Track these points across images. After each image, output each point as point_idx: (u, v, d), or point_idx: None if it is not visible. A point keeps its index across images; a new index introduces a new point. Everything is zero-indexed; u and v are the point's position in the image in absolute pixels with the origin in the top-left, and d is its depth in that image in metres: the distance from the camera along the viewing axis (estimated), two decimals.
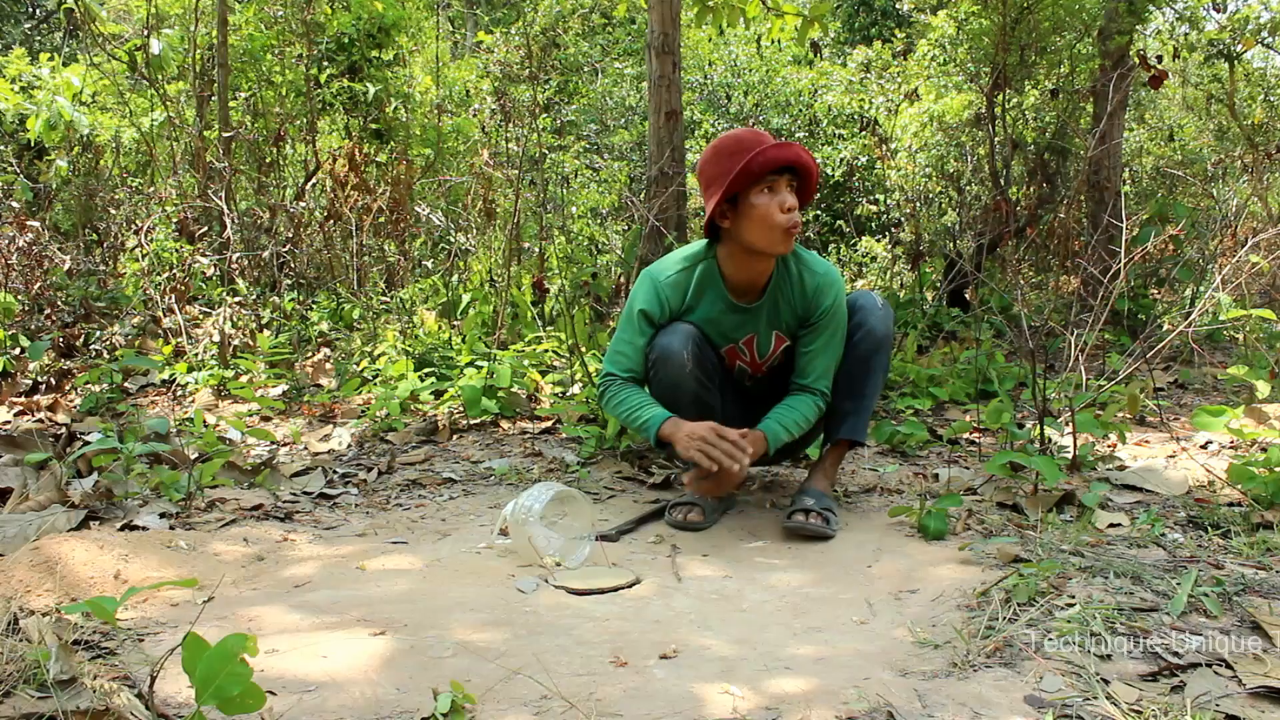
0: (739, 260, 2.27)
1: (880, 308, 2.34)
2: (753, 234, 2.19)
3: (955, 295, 5.52)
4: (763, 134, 2.19)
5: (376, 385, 3.84)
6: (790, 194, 2.18)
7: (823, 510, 2.24)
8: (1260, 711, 1.26)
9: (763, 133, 2.20)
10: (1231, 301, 4.69)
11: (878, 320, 2.32)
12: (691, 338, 2.25)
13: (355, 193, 5.10)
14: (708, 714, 1.31)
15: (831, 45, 11.38)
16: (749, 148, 2.15)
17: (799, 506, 2.26)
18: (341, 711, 1.31)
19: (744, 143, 2.17)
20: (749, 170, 2.13)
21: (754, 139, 2.17)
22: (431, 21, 8.08)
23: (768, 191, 2.17)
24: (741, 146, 2.16)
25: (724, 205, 2.20)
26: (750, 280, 2.29)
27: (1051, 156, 5.99)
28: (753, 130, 2.22)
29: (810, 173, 2.22)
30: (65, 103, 5.40)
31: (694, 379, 2.24)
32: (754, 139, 2.17)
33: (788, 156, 2.15)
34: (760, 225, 2.17)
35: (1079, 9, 5.55)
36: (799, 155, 2.17)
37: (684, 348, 2.23)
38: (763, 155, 2.13)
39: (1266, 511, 2.12)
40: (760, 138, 2.17)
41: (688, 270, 2.32)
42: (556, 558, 2.01)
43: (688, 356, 2.23)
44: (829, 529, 2.20)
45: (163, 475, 2.47)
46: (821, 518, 2.22)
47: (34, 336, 4.19)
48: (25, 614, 1.55)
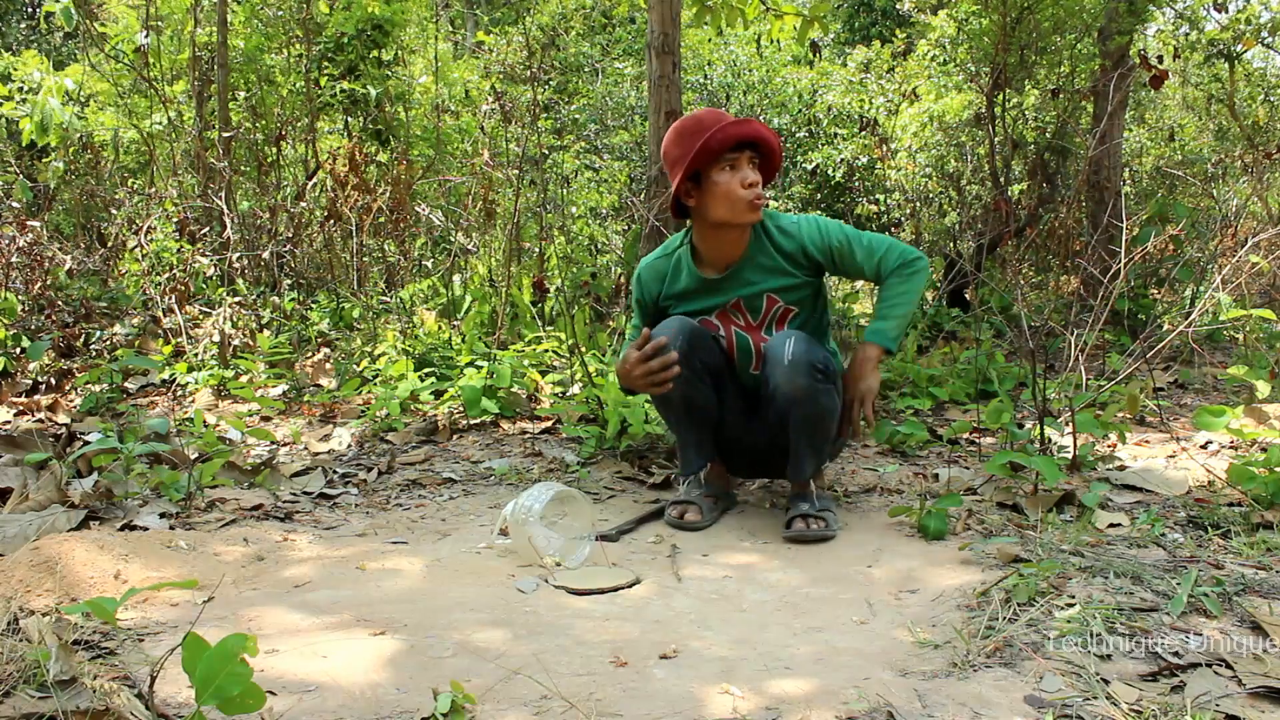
0: (710, 236, 2.30)
1: (788, 362, 2.14)
2: (717, 209, 2.22)
3: (955, 295, 5.53)
4: (723, 113, 2.21)
5: (376, 385, 3.84)
6: (752, 170, 2.21)
7: (820, 513, 2.23)
8: (1260, 711, 1.26)
9: (723, 112, 2.22)
10: (1231, 301, 4.69)
11: (782, 378, 2.15)
12: (682, 333, 2.25)
13: (355, 193, 5.10)
14: (708, 714, 1.31)
15: (831, 45, 11.38)
16: (708, 126, 2.18)
17: (796, 513, 2.24)
18: (341, 711, 1.31)
19: (703, 122, 2.19)
20: (708, 148, 2.16)
21: (713, 118, 2.19)
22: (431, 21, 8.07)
23: (729, 169, 2.20)
24: (701, 126, 2.18)
25: (687, 184, 2.24)
26: (725, 253, 2.31)
27: (1051, 156, 5.99)
28: (713, 110, 2.23)
29: (771, 148, 2.24)
30: (56, 104, 5.40)
31: (683, 380, 2.24)
32: (713, 118, 2.19)
33: (746, 133, 2.19)
34: (723, 200, 2.20)
35: (1079, 9, 5.55)
36: (757, 130, 2.20)
37: (672, 344, 2.23)
38: (722, 132, 2.16)
39: (1266, 511, 2.12)
40: (720, 116, 2.19)
41: (667, 256, 2.41)
42: (556, 558, 2.01)
43: (669, 346, 2.23)
44: (829, 530, 2.20)
45: (163, 475, 2.47)
46: (820, 521, 2.21)
47: (34, 336, 4.19)
48: (25, 614, 1.55)
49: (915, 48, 7.29)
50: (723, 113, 2.21)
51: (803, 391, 2.13)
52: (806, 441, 2.23)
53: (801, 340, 2.17)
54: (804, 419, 2.18)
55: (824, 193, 9.07)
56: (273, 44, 6.47)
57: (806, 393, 2.13)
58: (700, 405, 2.31)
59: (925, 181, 6.87)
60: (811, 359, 2.14)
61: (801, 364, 2.13)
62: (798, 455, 2.26)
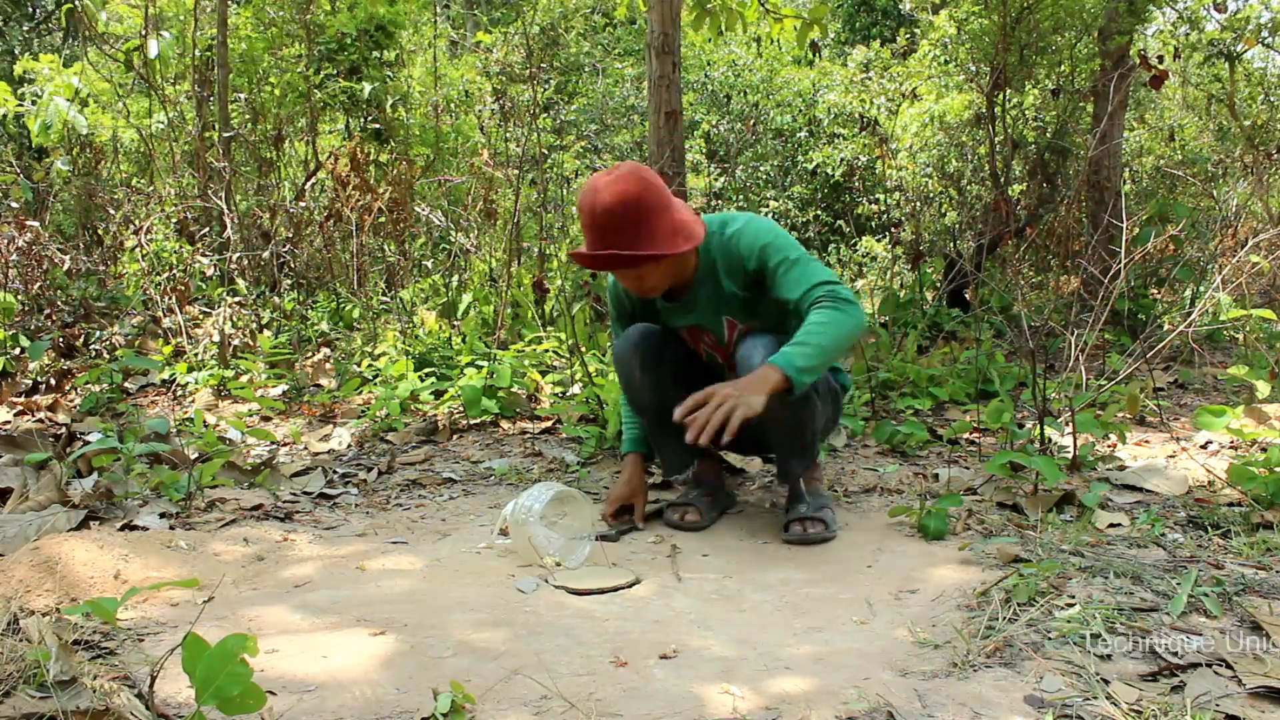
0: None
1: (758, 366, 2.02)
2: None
3: (955, 295, 5.52)
4: (593, 207, 1.99)
5: (376, 385, 3.84)
6: (625, 278, 2.11)
7: (818, 514, 2.19)
8: (1260, 711, 1.26)
9: (595, 204, 1.99)
10: (1231, 301, 4.69)
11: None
12: (643, 338, 2.24)
13: (355, 193, 5.10)
14: (708, 714, 1.31)
15: (832, 45, 11.38)
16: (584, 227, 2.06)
17: (793, 515, 2.21)
18: (341, 711, 1.31)
19: (582, 211, 2.04)
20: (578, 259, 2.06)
21: (585, 205, 2.01)
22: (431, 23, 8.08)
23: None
24: (582, 216, 2.04)
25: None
26: (674, 284, 2.18)
27: (1051, 156, 5.99)
28: (589, 189, 2.02)
29: (622, 260, 2.02)
30: (63, 103, 5.40)
31: (648, 387, 2.26)
32: (585, 205, 2.01)
33: (591, 265, 2.08)
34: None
35: (1079, 9, 5.55)
36: (595, 264, 2.05)
37: (632, 351, 2.24)
38: (577, 258, 2.05)
39: (1266, 511, 2.12)
40: (588, 220, 2.01)
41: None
42: (556, 558, 2.01)
43: (636, 365, 2.25)
44: (829, 532, 2.17)
45: (163, 475, 2.47)
46: (819, 523, 2.18)
47: (34, 336, 4.19)
48: (25, 614, 1.55)
49: (918, 47, 7.29)
50: (594, 206, 1.98)
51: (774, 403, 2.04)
52: (788, 448, 2.21)
53: (772, 346, 2.05)
54: (782, 430, 2.16)
55: (824, 192, 9.08)
56: (274, 44, 6.47)
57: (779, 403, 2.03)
58: (663, 405, 2.21)
59: (925, 181, 6.87)
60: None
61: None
62: (783, 459, 2.24)
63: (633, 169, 2.04)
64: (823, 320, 1.97)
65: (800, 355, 1.93)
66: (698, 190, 7.44)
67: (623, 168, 2.04)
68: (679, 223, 2.06)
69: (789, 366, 1.92)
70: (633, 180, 2.01)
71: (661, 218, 2.02)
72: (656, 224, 2.01)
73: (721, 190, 7.79)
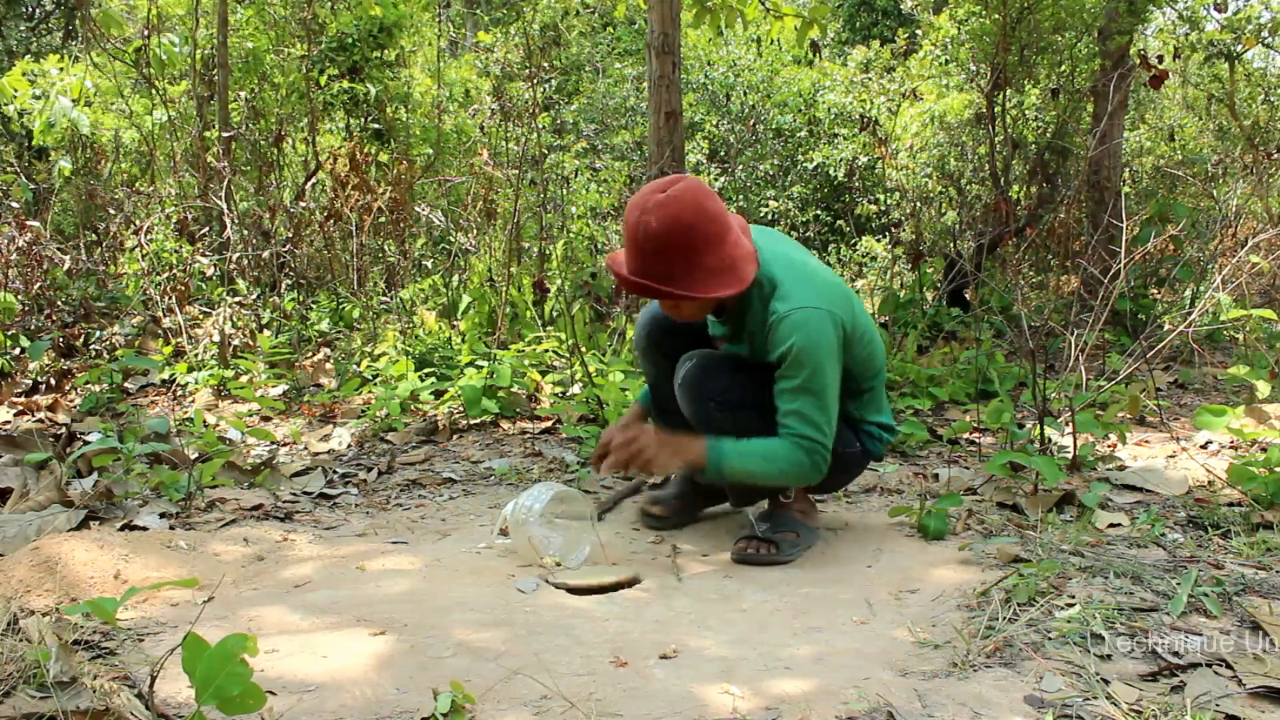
0: None
1: (676, 384, 2.03)
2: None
3: (955, 295, 5.52)
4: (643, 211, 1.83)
5: (376, 385, 3.84)
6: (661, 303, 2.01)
7: (773, 537, 2.05)
8: (1260, 711, 1.26)
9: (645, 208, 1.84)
10: (1231, 301, 4.69)
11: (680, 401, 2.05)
12: (661, 317, 2.15)
13: (355, 193, 5.10)
14: (708, 714, 1.31)
15: (832, 45, 11.38)
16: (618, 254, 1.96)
17: (745, 533, 2.11)
18: (341, 711, 1.31)
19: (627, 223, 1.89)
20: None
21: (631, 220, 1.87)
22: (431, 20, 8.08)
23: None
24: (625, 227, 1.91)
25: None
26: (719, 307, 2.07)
27: (1051, 156, 5.99)
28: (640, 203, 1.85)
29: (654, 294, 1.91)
30: (68, 103, 5.40)
31: (647, 354, 2.20)
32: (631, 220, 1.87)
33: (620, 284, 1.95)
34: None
35: (1079, 9, 5.55)
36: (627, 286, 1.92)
37: (651, 324, 2.18)
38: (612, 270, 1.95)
39: (1266, 511, 2.12)
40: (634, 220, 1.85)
41: None
42: (556, 558, 2.01)
43: (649, 332, 2.18)
44: (779, 556, 2.02)
45: (163, 475, 2.47)
46: (770, 545, 2.03)
47: (34, 336, 4.19)
48: (25, 614, 1.55)
49: (919, 47, 7.29)
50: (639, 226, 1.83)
51: (693, 418, 2.01)
52: (740, 499, 2.18)
53: (700, 365, 1.99)
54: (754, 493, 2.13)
55: (824, 192, 9.08)
56: (276, 44, 6.47)
57: (696, 420, 2.00)
58: (667, 394, 2.16)
59: (925, 181, 6.87)
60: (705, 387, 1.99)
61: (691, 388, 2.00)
62: (734, 501, 2.22)
63: (693, 191, 1.84)
64: (780, 454, 1.89)
65: (735, 457, 1.90)
66: None
67: (682, 186, 1.84)
68: (728, 261, 1.86)
69: (715, 457, 1.90)
70: (690, 206, 1.82)
71: (710, 254, 1.84)
72: (702, 260, 1.84)
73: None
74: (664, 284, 1.84)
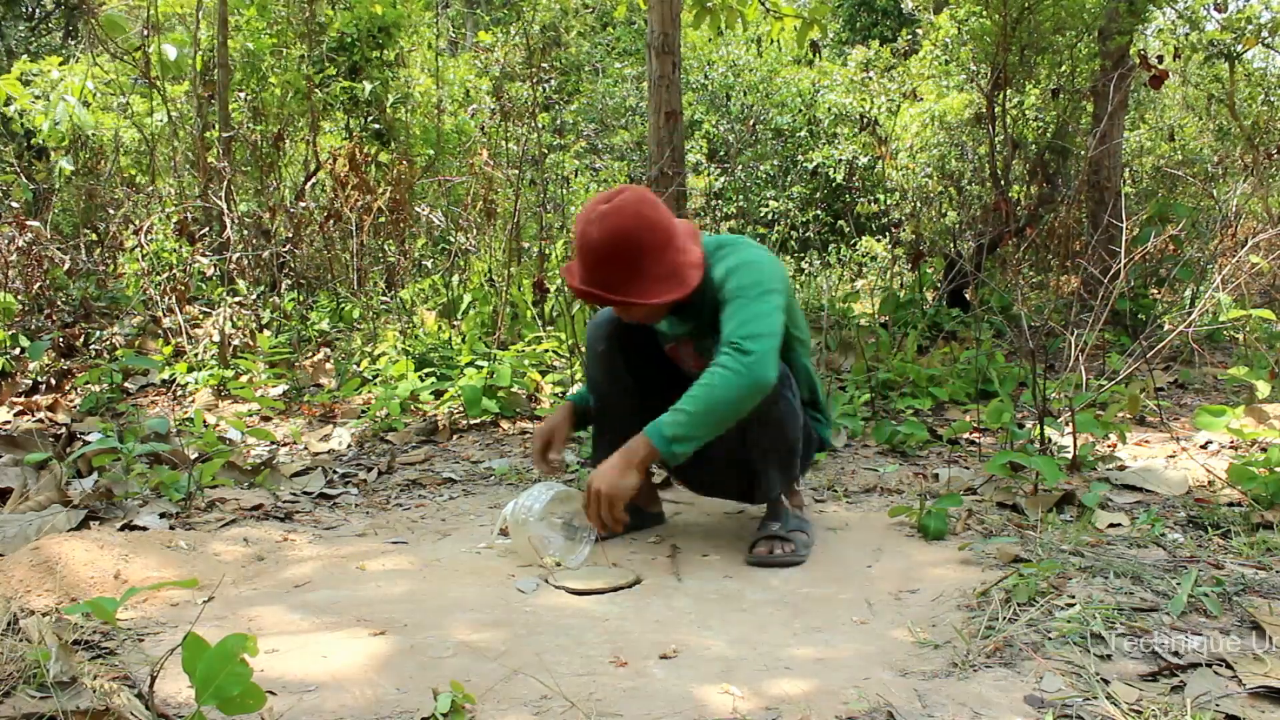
0: None
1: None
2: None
3: (955, 295, 5.52)
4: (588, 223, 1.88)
5: (376, 385, 3.84)
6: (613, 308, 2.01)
7: (789, 534, 2.02)
8: (1260, 711, 1.26)
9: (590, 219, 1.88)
10: (1231, 301, 4.69)
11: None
12: (608, 328, 2.12)
13: (355, 193, 5.10)
14: (708, 714, 1.31)
15: (832, 45, 11.39)
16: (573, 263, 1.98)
17: (763, 533, 2.04)
18: (341, 711, 1.31)
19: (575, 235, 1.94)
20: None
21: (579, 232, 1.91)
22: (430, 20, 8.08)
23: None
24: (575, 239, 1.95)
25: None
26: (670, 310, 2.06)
27: (1052, 156, 5.99)
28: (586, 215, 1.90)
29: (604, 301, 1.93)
30: (74, 101, 5.40)
31: (603, 365, 2.14)
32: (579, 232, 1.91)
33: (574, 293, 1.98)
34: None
35: (1079, 9, 5.55)
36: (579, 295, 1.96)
37: (603, 327, 2.14)
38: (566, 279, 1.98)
39: (1266, 511, 2.12)
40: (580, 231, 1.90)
41: None
42: (556, 558, 2.01)
43: (601, 337, 2.13)
44: (797, 555, 1.99)
45: (163, 475, 2.47)
46: (788, 544, 2.01)
47: (34, 336, 4.19)
48: (25, 614, 1.55)
49: (919, 47, 7.29)
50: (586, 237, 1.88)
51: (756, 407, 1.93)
52: (771, 459, 2.02)
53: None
54: (761, 434, 1.99)
55: (824, 192, 9.09)
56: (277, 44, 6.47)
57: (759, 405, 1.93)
58: (616, 398, 2.15)
59: (925, 181, 6.87)
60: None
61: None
62: (763, 473, 2.05)
63: (635, 200, 1.88)
64: (709, 382, 1.82)
65: (672, 425, 1.82)
66: (698, 190, 7.45)
67: (624, 197, 1.89)
68: (675, 265, 1.90)
69: (657, 437, 1.83)
70: (631, 215, 1.86)
71: (657, 259, 1.88)
72: (650, 266, 1.88)
73: (721, 190, 7.79)
74: (611, 291, 1.90)
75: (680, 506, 2.50)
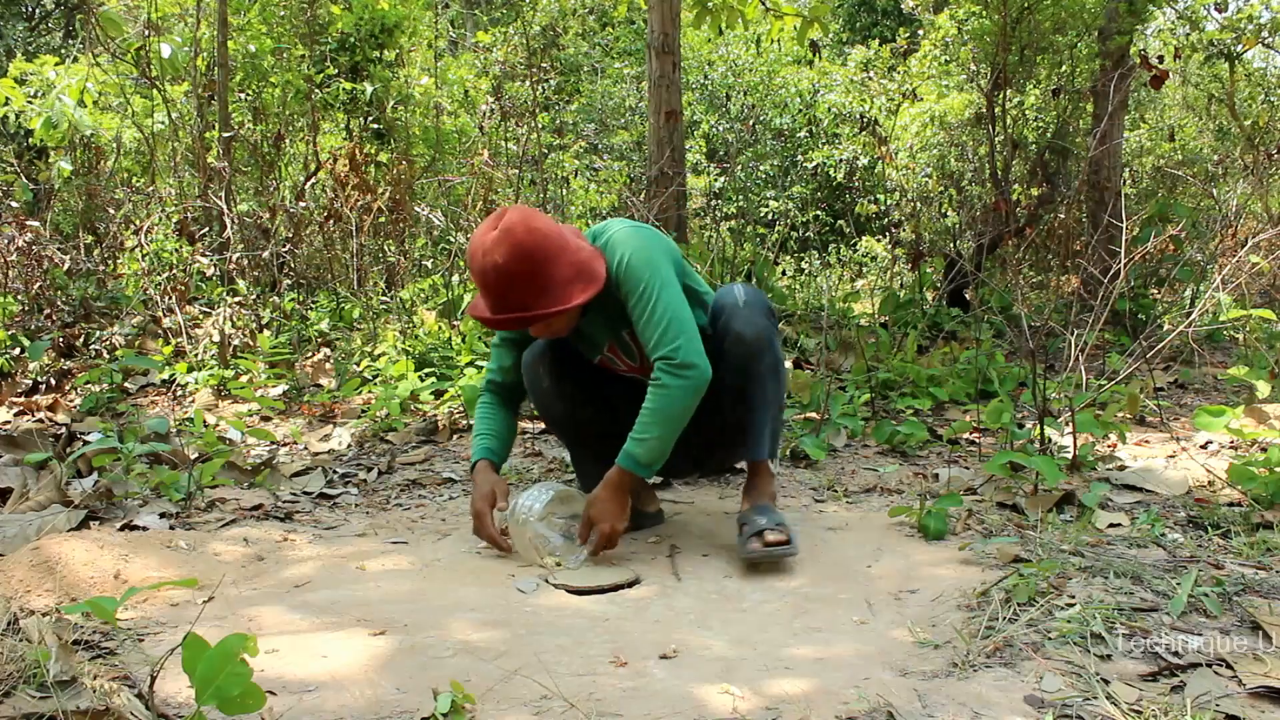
0: None
1: (744, 304, 2.04)
2: None
3: (955, 295, 5.52)
4: (483, 255, 1.88)
5: (376, 385, 3.84)
6: (534, 329, 2.01)
7: (778, 526, 1.99)
8: (1260, 711, 1.26)
9: (484, 249, 1.88)
10: (1231, 301, 4.69)
11: (742, 322, 2.02)
12: (544, 354, 2.15)
13: (355, 193, 5.10)
14: (708, 714, 1.31)
15: (832, 45, 11.39)
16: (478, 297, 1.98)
17: (752, 529, 2.00)
18: (341, 711, 1.31)
19: (473, 272, 1.93)
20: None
21: (476, 268, 1.90)
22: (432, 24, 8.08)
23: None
24: (474, 276, 1.93)
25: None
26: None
27: (1052, 156, 5.99)
28: (477, 249, 1.89)
29: (526, 322, 1.95)
30: (70, 102, 5.40)
31: (556, 396, 2.17)
32: (476, 268, 1.90)
33: (492, 327, 2.03)
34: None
35: (1079, 9, 5.55)
36: (500, 326, 1.99)
37: (537, 365, 2.16)
38: (478, 319, 1.98)
39: (1266, 511, 2.12)
40: (478, 266, 1.89)
41: None
42: (556, 558, 2.01)
43: (544, 373, 2.16)
44: (792, 548, 1.96)
45: (163, 475, 2.47)
46: (780, 531, 1.97)
47: (34, 336, 4.19)
48: (25, 614, 1.55)
49: (919, 47, 7.29)
50: (485, 269, 1.87)
51: (765, 333, 2.02)
52: (769, 399, 2.05)
53: (749, 287, 2.09)
54: (770, 367, 2.03)
55: (824, 192, 9.09)
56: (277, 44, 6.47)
57: (768, 335, 2.02)
58: (583, 420, 2.21)
59: (925, 181, 6.87)
60: (765, 301, 2.07)
61: (758, 305, 2.04)
62: (757, 425, 2.06)
63: (520, 218, 1.90)
64: (660, 406, 1.93)
65: (644, 452, 1.95)
66: (698, 190, 7.45)
67: (510, 218, 1.90)
68: (578, 265, 1.93)
69: (632, 465, 1.96)
70: (522, 232, 1.87)
71: (559, 264, 1.91)
72: (554, 273, 1.90)
73: (721, 190, 7.79)
74: (529, 310, 1.90)
75: (680, 506, 2.50)
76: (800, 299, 5.56)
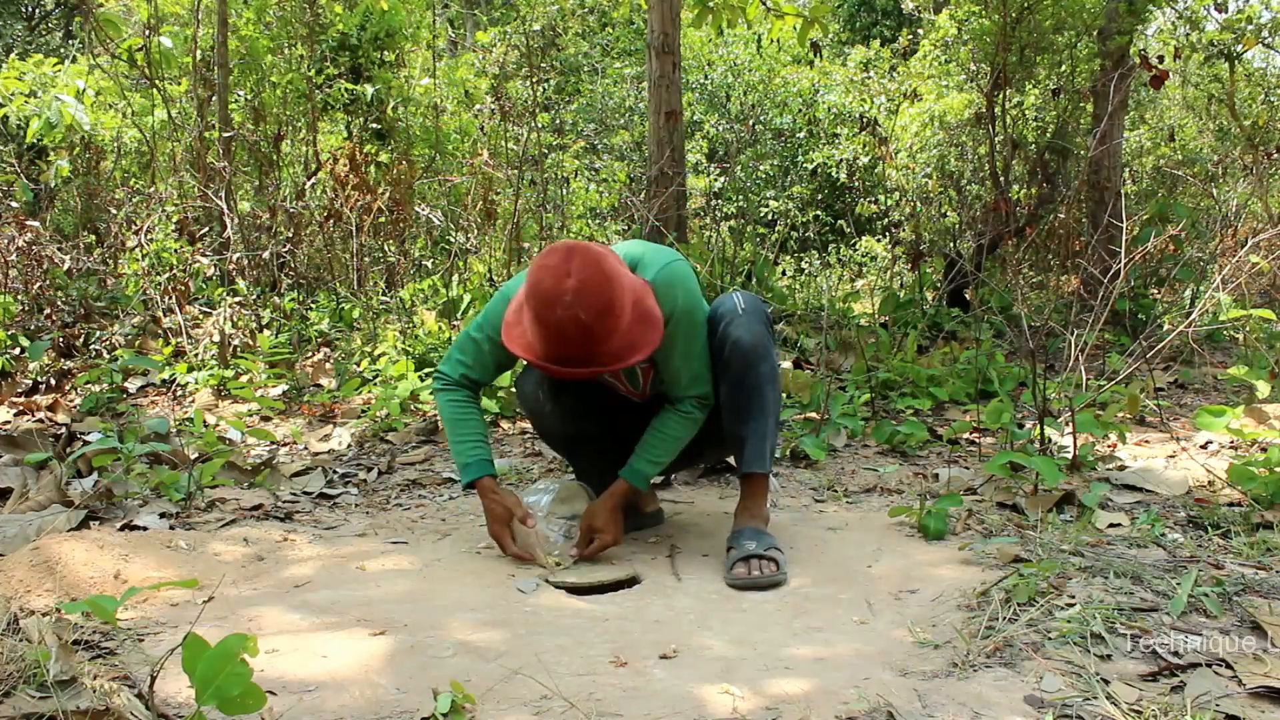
0: None
1: (742, 312, 2.02)
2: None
3: (955, 295, 5.52)
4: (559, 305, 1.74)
5: (376, 385, 3.84)
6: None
7: (767, 552, 1.93)
8: (1260, 711, 1.26)
9: (560, 299, 1.74)
10: (1231, 301, 4.69)
11: (741, 328, 2.00)
12: (542, 388, 2.14)
13: (355, 193, 5.10)
14: (708, 714, 1.31)
15: (832, 45, 11.39)
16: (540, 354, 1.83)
17: (740, 553, 1.94)
18: (341, 711, 1.31)
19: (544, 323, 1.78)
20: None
21: (551, 319, 1.76)
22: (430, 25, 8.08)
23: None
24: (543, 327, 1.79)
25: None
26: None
27: (1052, 156, 5.99)
28: (553, 296, 1.75)
29: (614, 372, 2.03)
30: (70, 101, 5.39)
31: (558, 419, 2.16)
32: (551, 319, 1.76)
33: (565, 378, 1.93)
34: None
35: (1079, 9, 5.55)
36: (578, 377, 1.90)
37: (538, 389, 2.14)
38: (547, 371, 1.86)
39: (1266, 511, 2.12)
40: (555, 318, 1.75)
41: None
42: (556, 558, 2.01)
43: (544, 397, 2.14)
44: (780, 575, 1.90)
45: (163, 475, 2.47)
46: (770, 563, 1.92)
47: (34, 336, 4.19)
48: (25, 614, 1.55)
49: (919, 47, 7.29)
50: (563, 322, 1.74)
51: (762, 340, 2.02)
52: (767, 408, 2.03)
53: (749, 295, 2.08)
54: (767, 375, 2.02)
55: (825, 192, 9.09)
56: (277, 44, 6.47)
57: (765, 343, 2.02)
58: (585, 439, 2.22)
59: (925, 181, 6.87)
60: (763, 309, 2.07)
61: (757, 313, 2.04)
62: (755, 436, 2.04)
63: (595, 266, 1.76)
64: (675, 434, 2.07)
65: (652, 468, 2.08)
66: (698, 190, 7.45)
67: (582, 265, 1.75)
68: (641, 314, 1.85)
69: (638, 479, 2.07)
70: (603, 283, 1.75)
71: (626, 313, 1.81)
72: (623, 325, 1.80)
73: (721, 190, 7.79)
74: (600, 365, 1.81)
75: (680, 506, 2.50)
76: (800, 299, 5.55)
